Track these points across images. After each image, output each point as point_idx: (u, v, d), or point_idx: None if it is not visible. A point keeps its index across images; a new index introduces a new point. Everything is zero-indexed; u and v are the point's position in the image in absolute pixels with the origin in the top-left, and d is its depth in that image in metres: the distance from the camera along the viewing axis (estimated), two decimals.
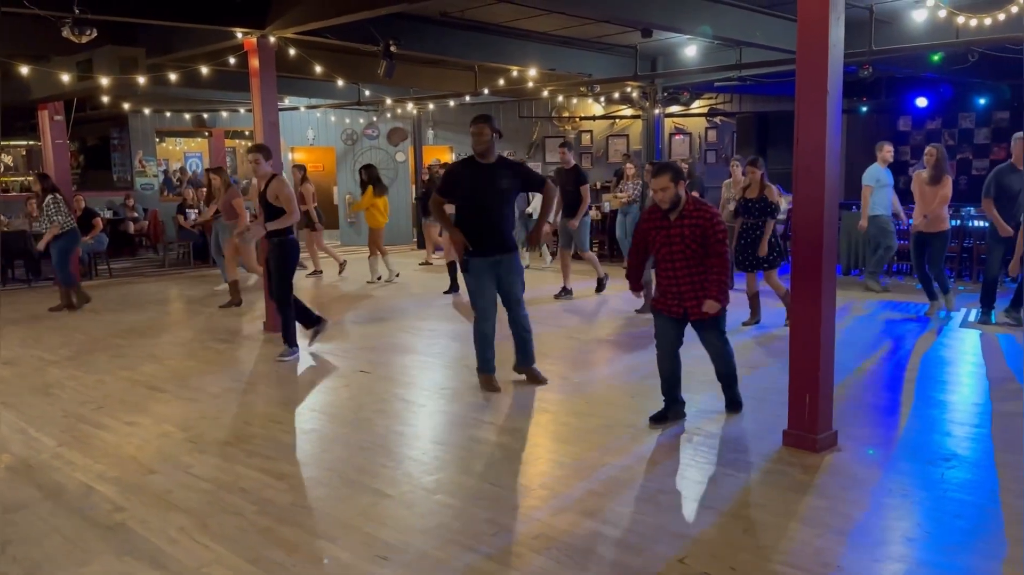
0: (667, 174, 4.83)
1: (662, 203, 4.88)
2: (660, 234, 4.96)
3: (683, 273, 4.91)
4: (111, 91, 10.42)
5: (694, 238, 4.84)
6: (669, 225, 4.92)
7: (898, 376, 6.34)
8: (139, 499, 4.14)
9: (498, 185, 5.75)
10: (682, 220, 4.88)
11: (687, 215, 4.88)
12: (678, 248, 4.89)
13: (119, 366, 6.98)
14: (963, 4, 8.74)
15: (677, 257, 4.90)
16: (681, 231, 4.87)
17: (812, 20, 4.41)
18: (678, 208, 4.88)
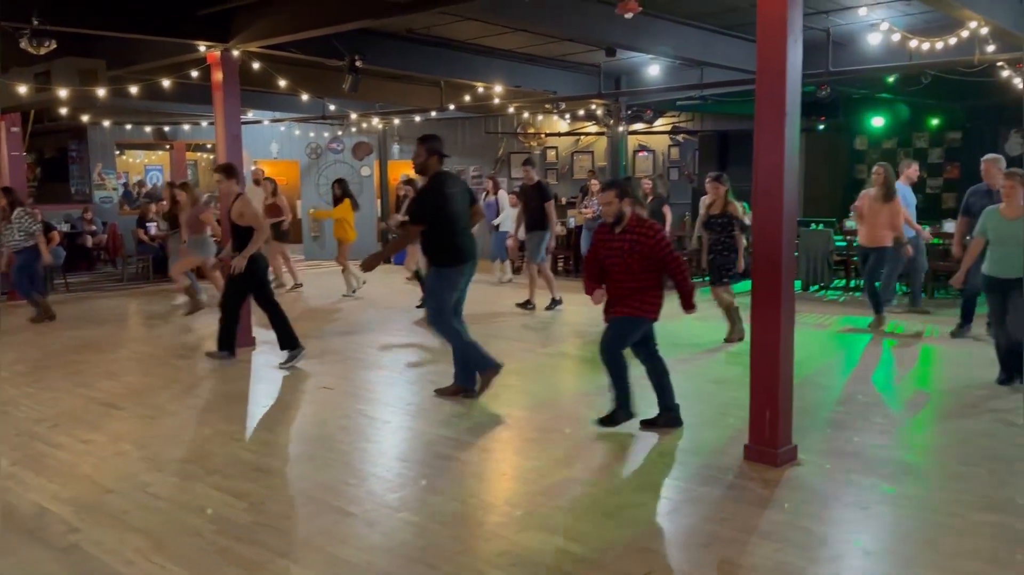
0: (613, 190, 5.12)
1: (606, 217, 5.17)
2: (605, 246, 5.21)
3: (617, 285, 5.15)
4: (70, 103, 10.25)
5: (633, 252, 5.06)
6: (613, 238, 5.15)
7: (857, 390, 6.45)
8: (94, 520, 4.05)
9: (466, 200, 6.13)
10: (624, 235, 5.11)
11: (629, 230, 5.10)
12: (617, 261, 5.12)
13: (75, 383, 6.84)
14: (916, 28, 8.99)
15: (617, 269, 5.13)
16: (622, 245, 5.10)
17: (770, 41, 4.50)
18: (622, 223, 5.12)
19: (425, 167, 6.00)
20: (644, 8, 6.97)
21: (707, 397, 6.18)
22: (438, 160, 6.04)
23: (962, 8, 7.14)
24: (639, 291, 5.10)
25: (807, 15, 4.97)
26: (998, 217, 6.11)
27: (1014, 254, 6.02)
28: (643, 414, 5.33)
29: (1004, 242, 6.06)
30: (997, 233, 6.07)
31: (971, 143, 14.94)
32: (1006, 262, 6.05)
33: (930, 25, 8.92)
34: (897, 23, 8.78)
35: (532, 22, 8.13)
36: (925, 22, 8.96)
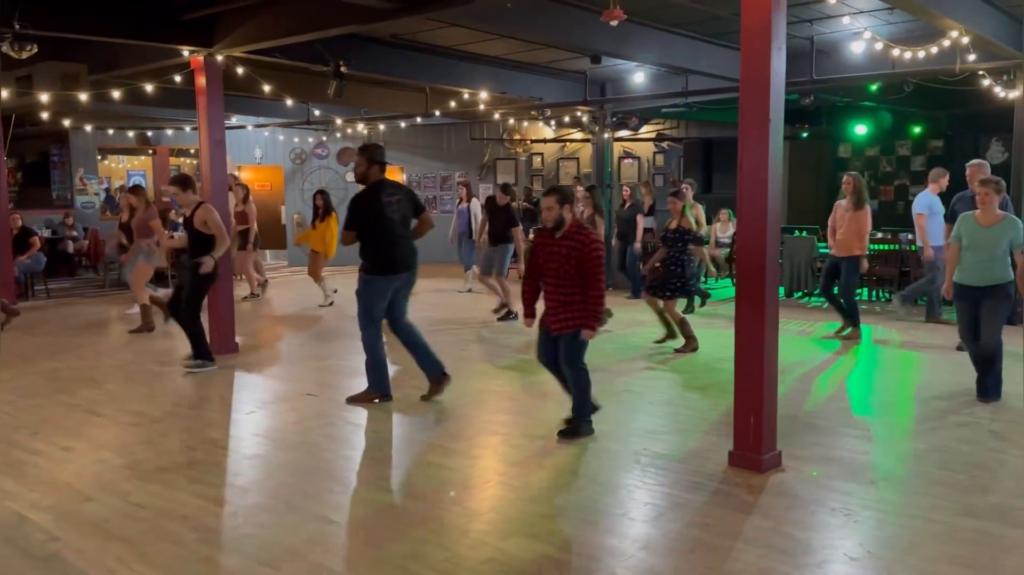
0: (554, 196, 5.20)
1: (546, 221, 5.22)
2: (545, 251, 5.27)
3: (553, 290, 5.20)
4: (51, 107, 10.19)
5: (570, 258, 5.10)
6: (552, 243, 5.21)
7: (840, 396, 6.48)
8: (75, 528, 4.00)
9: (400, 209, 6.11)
10: (562, 240, 5.16)
11: (568, 236, 5.15)
12: (554, 266, 5.18)
13: (56, 390, 6.77)
14: (899, 37, 9.08)
15: (552, 275, 5.20)
16: (559, 250, 5.15)
17: (755, 50, 4.53)
18: (562, 228, 5.17)
19: (366, 176, 6.04)
20: (629, 16, 7.00)
21: (691, 403, 6.19)
22: (379, 169, 6.09)
23: (943, 17, 7.23)
24: (580, 299, 5.12)
25: (791, 24, 5.03)
26: (973, 223, 6.05)
27: (986, 262, 5.98)
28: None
29: (977, 249, 6.01)
30: (971, 240, 6.01)
31: (953, 151, 15.11)
32: (977, 270, 5.99)
33: (912, 34, 9.01)
34: (880, 32, 8.87)
35: (518, 29, 8.15)
36: (907, 31, 9.06)
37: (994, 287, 5.95)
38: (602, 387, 6.71)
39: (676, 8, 8.33)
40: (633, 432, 5.48)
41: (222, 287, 8.24)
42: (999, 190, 5.99)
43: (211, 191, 8.23)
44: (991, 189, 5.97)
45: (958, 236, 6.12)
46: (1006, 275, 5.96)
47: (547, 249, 5.24)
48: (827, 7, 7.96)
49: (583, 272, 5.08)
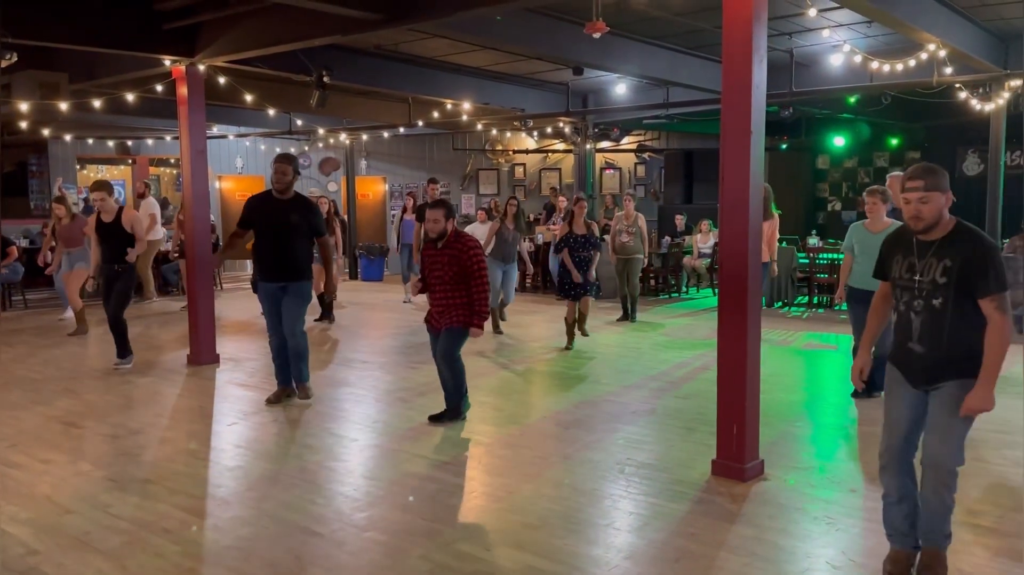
0: (441, 209, 5.70)
1: (431, 232, 5.73)
2: (429, 259, 5.81)
3: (440, 294, 5.76)
4: (30, 116, 10.10)
5: (451, 265, 5.66)
6: (436, 252, 5.76)
7: (822, 405, 6.53)
8: (54, 541, 3.95)
9: (289, 219, 6.29)
10: (444, 249, 5.72)
11: (449, 245, 5.70)
12: (438, 273, 5.73)
13: (34, 401, 6.69)
14: (877, 50, 9.21)
15: (436, 280, 5.75)
16: (442, 258, 5.71)
17: (736, 62, 4.58)
18: (444, 239, 5.72)
19: (290, 187, 6.36)
20: (611, 28, 7.05)
21: (674, 412, 6.22)
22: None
23: (921, 31, 7.34)
24: (464, 303, 5.70)
25: (771, 36, 5.08)
26: (863, 231, 6.32)
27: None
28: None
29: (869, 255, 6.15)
30: (862, 247, 6.24)
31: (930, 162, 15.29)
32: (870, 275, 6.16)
33: (890, 47, 9.15)
34: (858, 45, 8.99)
35: (501, 40, 8.19)
36: (886, 44, 9.19)
37: None
38: (584, 397, 6.74)
39: (658, 21, 8.41)
40: (616, 442, 5.49)
41: (202, 297, 8.20)
42: (885, 199, 6.25)
43: (193, 201, 8.19)
44: (878, 199, 6.23)
45: (850, 246, 6.40)
46: None
47: (433, 259, 5.79)
48: (807, 20, 8.06)
49: (468, 275, 5.64)
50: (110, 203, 7.67)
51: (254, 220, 6.37)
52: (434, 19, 6.72)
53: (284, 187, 6.29)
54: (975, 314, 3.19)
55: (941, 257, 3.23)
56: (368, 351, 8.95)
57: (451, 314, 5.74)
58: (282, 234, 6.28)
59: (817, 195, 16.85)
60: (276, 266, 6.32)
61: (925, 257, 3.28)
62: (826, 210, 16.80)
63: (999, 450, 5.19)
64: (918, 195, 3.26)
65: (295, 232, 6.31)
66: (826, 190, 16.87)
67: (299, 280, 6.37)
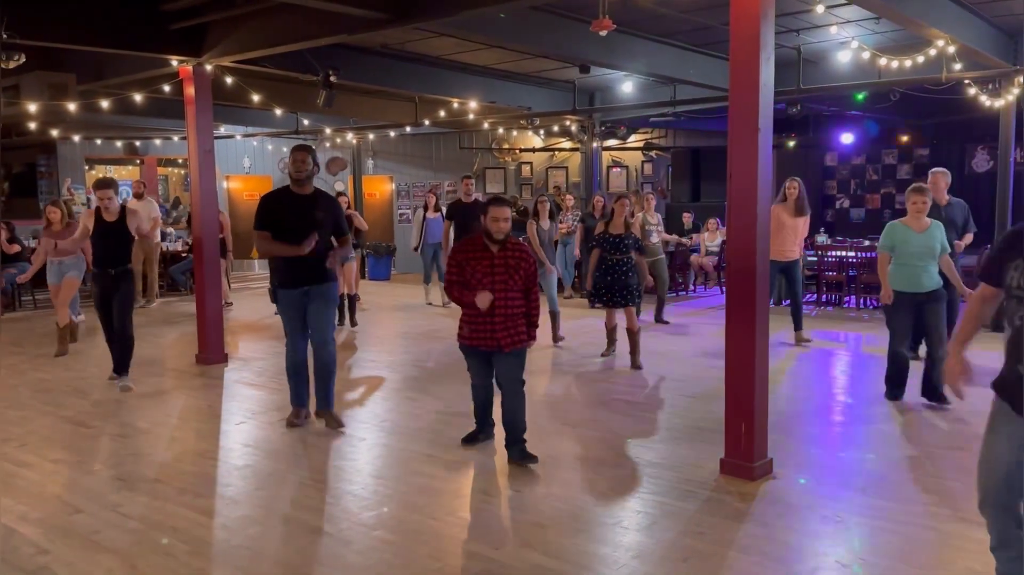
0: (509, 207, 4.97)
1: (497, 233, 4.90)
2: (484, 263, 4.91)
3: (501, 304, 4.90)
4: (39, 117, 10.14)
5: (515, 270, 4.92)
6: (494, 255, 4.91)
7: (830, 403, 6.50)
8: (64, 541, 3.96)
9: (314, 216, 5.60)
10: (506, 252, 4.94)
11: (510, 248, 4.96)
12: (502, 278, 4.90)
13: (43, 401, 6.71)
14: (885, 46, 9.17)
15: (500, 288, 4.89)
16: (507, 262, 4.91)
17: (743, 60, 4.56)
18: (505, 241, 4.96)
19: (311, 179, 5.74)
20: (618, 26, 7.03)
21: (682, 411, 6.20)
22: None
23: (930, 27, 7.30)
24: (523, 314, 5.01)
25: (778, 33, 5.08)
26: (905, 230, 6.09)
27: (922, 268, 6.04)
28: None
29: (913, 256, 6.04)
30: (904, 247, 6.05)
31: (939, 159, 15.21)
32: (916, 277, 6.04)
33: (899, 43, 9.10)
34: (867, 41, 8.95)
35: (507, 39, 8.17)
36: (894, 40, 9.14)
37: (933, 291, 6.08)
38: (592, 395, 6.73)
39: (665, 18, 8.38)
40: (625, 440, 5.48)
41: (209, 296, 8.21)
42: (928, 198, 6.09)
43: (201, 201, 8.21)
44: (929, 198, 6.08)
45: (890, 245, 6.13)
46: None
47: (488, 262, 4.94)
48: (814, 17, 8.03)
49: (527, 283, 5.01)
50: (117, 203, 7.22)
51: (274, 220, 5.61)
52: (440, 18, 6.71)
53: (303, 178, 5.63)
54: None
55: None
56: (376, 349, 8.95)
57: (515, 329, 4.95)
58: (306, 234, 5.51)
59: (825, 192, 16.78)
60: (299, 269, 5.59)
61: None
62: (834, 207, 16.73)
63: None
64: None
65: (320, 231, 5.59)
66: (834, 187, 16.80)
67: (324, 282, 5.69)
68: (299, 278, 5.62)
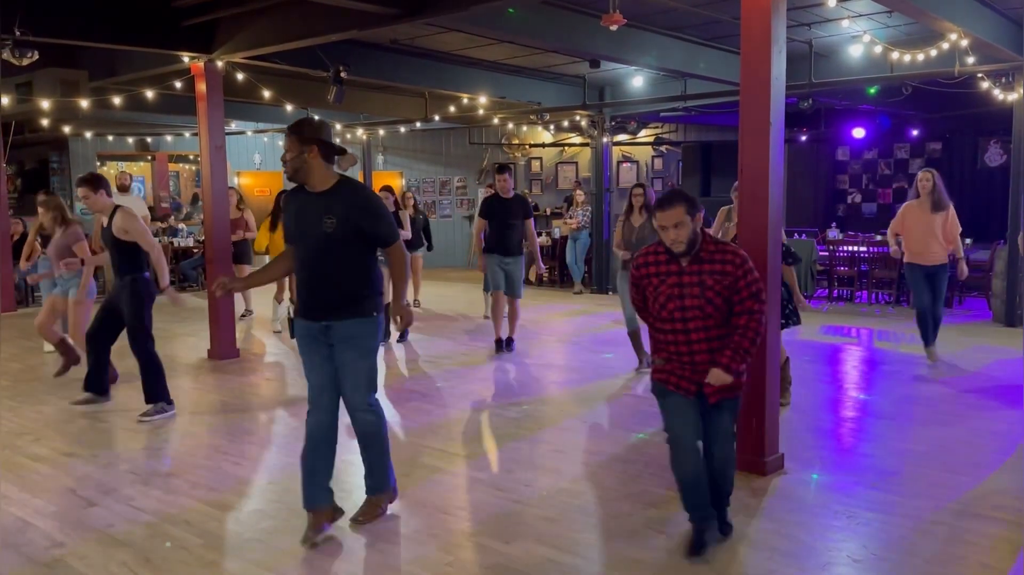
0: (682, 204, 3.54)
1: (676, 246, 3.57)
2: (666, 281, 3.64)
3: (699, 336, 3.60)
4: (51, 114, 10.20)
5: (716, 288, 3.57)
6: (681, 269, 3.62)
7: (840, 398, 6.49)
8: (79, 534, 4.00)
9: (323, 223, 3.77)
10: (699, 264, 3.60)
11: (705, 259, 3.60)
12: (695, 303, 3.58)
13: (58, 396, 6.76)
14: (898, 40, 9.11)
15: (693, 316, 3.58)
16: (698, 277, 3.59)
17: (754, 53, 4.54)
18: (694, 250, 3.60)
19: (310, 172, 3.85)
20: (628, 20, 7.02)
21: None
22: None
23: (942, 20, 7.25)
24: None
25: (789, 27, 5.03)
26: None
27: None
28: None
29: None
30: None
31: (951, 153, 15.12)
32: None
33: (911, 37, 9.04)
34: (878, 35, 8.89)
35: (517, 34, 8.16)
36: (906, 34, 9.08)
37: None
38: (601, 390, 6.73)
39: (675, 12, 8.36)
40: (634, 435, 5.48)
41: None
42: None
43: (212, 198, 8.24)
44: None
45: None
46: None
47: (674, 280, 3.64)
48: (826, 10, 7.98)
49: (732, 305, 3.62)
50: (100, 202, 6.01)
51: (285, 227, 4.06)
52: (450, 13, 6.72)
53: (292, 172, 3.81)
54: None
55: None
56: (384, 346, 8.96)
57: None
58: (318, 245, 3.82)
59: (837, 187, 16.69)
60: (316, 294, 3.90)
61: None
62: (846, 202, 16.65)
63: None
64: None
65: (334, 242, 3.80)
66: (846, 182, 16.71)
67: (350, 317, 3.83)
68: (314, 308, 3.90)
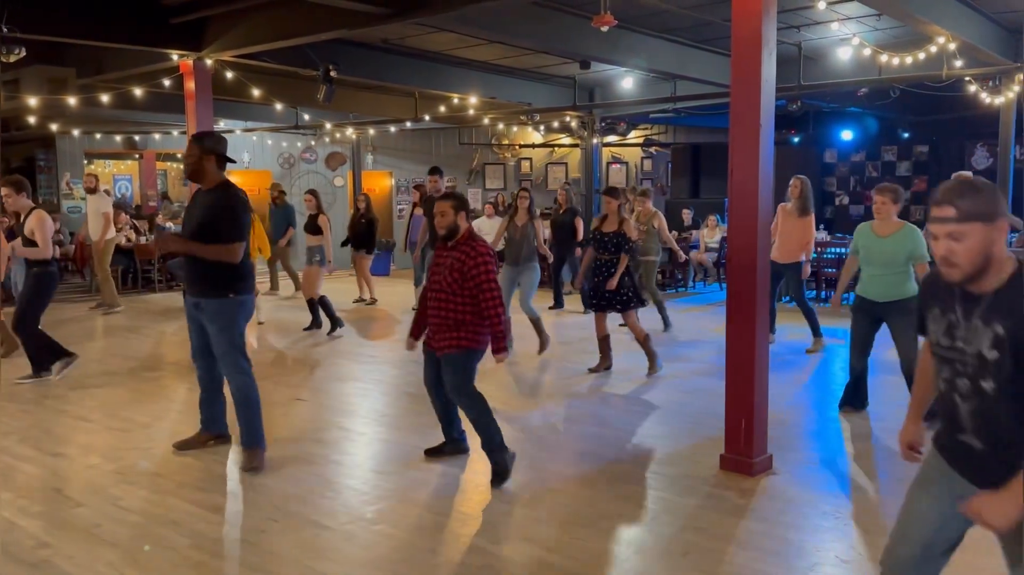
0: (451, 200, 4.57)
1: (438, 228, 4.56)
2: (434, 261, 4.67)
3: (434, 306, 4.58)
4: (39, 111, 10.13)
5: (452, 269, 4.47)
6: (443, 252, 4.59)
7: (828, 399, 6.51)
8: (65, 534, 3.97)
9: (194, 215, 4.78)
10: (451, 250, 4.54)
11: (458, 246, 4.53)
12: (437, 278, 4.55)
13: (44, 395, 6.71)
14: (886, 43, 9.17)
15: (434, 287, 4.57)
16: (446, 260, 4.53)
17: (745, 56, 4.56)
18: (454, 237, 4.55)
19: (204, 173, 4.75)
20: (619, 21, 7.03)
21: (682, 407, 6.21)
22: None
23: (931, 24, 7.30)
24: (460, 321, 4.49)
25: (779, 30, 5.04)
26: (870, 234, 5.63)
27: (886, 275, 5.48)
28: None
29: (874, 263, 5.56)
30: (868, 252, 5.61)
31: (939, 156, 15.23)
32: (877, 283, 5.54)
33: (899, 40, 9.10)
34: (867, 38, 8.95)
35: (508, 34, 8.18)
36: (894, 37, 9.15)
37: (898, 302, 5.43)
38: (592, 391, 6.74)
39: (666, 14, 8.38)
40: (625, 436, 5.49)
41: None
42: (897, 199, 5.51)
43: None
44: (888, 198, 5.51)
45: (856, 248, 5.74)
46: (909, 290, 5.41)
47: (436, 260, 4.64)
48: (816, 13, 8.03)
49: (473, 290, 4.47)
50: (20, 202, 6.72)
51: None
52: (441, 13, 6.72)
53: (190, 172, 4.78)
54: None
55: (989, 321, 2.18)
56: (375, 345, 8.96)
57: (446, 334, 4.54)
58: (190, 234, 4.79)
59: (825, 189, 16.79)
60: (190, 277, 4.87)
61: (971, 319, 2.22)
62: (834, 204, 16.75)
63: None
64: (947, 228, 2.16)
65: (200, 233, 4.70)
66: (834, 184, 16.82)
67: (213, 297, 4.72)
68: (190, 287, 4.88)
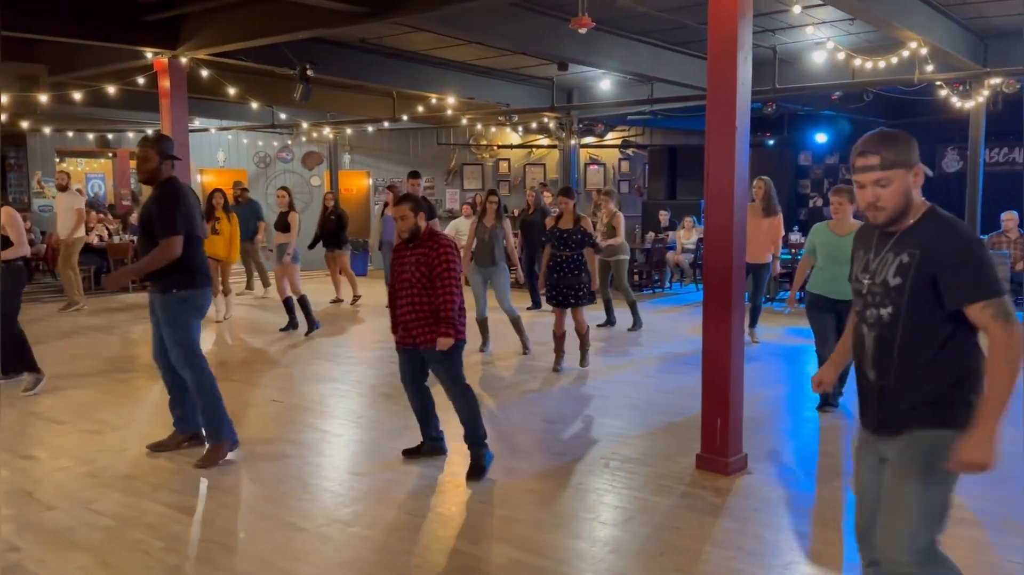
0: (408, 203, 4.69)
1: (400, 232, 4.73)
2: (397, 261, 4.82)
3: (405, 301, 4.72)
4: (9, 109, 9.98)
5: (420, 265, 4.64)
6: (405, 252, 4.76)
7: (804, 399, 6.58)
8: (36, 538, 3.92)
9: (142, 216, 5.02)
10: (415, 249, 4.71)
11: (420, 244, 4.70)
12: (405, 276, 4.71)
13: (14, 398, 6.61)
14: (860, 47, 9.28)
15: (403, 284, 4.72)
16: (410, 258, 4.70)
17: (721, 59, 4.60)
18: (416, 237, 4.71)
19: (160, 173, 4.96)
20: (596, 24, 7.06)
21: (658, 407, 6.25)
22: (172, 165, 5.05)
23: (903, 29, 7.41)
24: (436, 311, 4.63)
25: (755, 33, 5.09)
26: (827, 233, 5.72)
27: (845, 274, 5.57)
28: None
29: (835, 261, 5.52)
30: (826, 250, 5.67)
31: None
32: (838, 282, 5.51)
33: (873, 44, 9.22)
34: (841, 42, 9.05)
35: (486, 35, 8.18)
36: (868, 42, 9.26)
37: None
38: (566, 392, 6.76)
39: (643, 17, 8.43)
40: (601, 436, 5.51)
41: None
42: (853, 199, 5.33)
43: None
44: (844, 198, 5.61)
45: (812, 248, 5.82)
46: None
47: (399, 259, 4.81)
48: (791, 17, 8.11)
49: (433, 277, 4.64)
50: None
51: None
52: (419, 13, 6.71)
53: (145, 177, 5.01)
54: (949, 332, 2.31)
55: (899, 251, 2.37)
56: (352, 346, 8.92)
57: (426, 328, 4.67)
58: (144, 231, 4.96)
59: (799, 191, 16.96)
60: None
61: (882, 252, 2.42)
62: (808, 206, 16.92)
63: None
64: (874, 175, 2.39)
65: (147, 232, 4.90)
66: (808, 186, 16.99)
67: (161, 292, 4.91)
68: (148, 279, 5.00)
